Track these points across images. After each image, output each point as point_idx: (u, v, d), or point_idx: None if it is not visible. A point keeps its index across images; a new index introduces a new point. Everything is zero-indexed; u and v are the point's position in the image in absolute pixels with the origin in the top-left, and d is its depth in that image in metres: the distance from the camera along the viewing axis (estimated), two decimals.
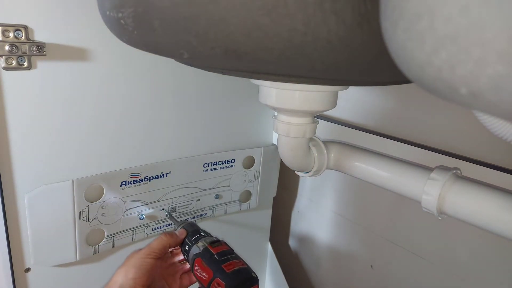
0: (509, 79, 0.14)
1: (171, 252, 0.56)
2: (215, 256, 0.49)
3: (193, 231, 0.55)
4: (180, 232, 0.55)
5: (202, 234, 0.55)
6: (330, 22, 0.25)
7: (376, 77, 0.38)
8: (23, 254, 0.56)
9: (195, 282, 0.54)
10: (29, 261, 0.56)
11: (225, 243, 0.53)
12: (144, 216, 0.65)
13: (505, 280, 0.55)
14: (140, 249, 0.51)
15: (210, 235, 0.55)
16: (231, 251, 0.52)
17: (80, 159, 0.57)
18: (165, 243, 0.52)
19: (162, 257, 0.52)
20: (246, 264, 0.51)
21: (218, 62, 0.35)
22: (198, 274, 0.50)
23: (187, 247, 0.53)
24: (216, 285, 0.47)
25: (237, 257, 0.51)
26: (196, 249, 0.52)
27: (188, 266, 0.55)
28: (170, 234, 0.54)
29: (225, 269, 0.48)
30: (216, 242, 0.53)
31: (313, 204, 0.88)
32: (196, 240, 0.53)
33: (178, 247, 0.55)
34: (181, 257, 0.56)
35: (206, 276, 0.48)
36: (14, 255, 0.54)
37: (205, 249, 0.51)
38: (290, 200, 0.95)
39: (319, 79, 0.38)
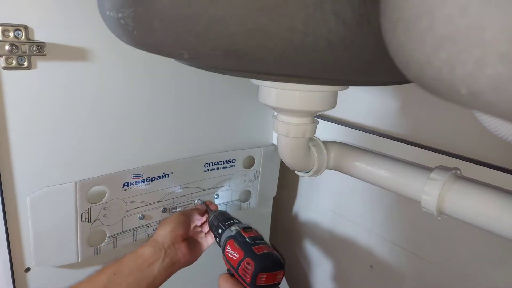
0: (509, 79, 0.14)
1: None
2: (247, 239, 0.55)
3: (226, 218, 0.61)
4: (202, 206, 0.68)
5: (235, 220, 0.61)
6: (330, 22, 0.25)
7: (376, 77, 0.38)
8: (23, 254, 0.56)
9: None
10: (29, 261, 0.56)
11: (256, 231, 0.58)
12: (144, 216, 0.65)
13: (505, 280, 0.55)
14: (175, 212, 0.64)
15: (242, 223, 0.61)
16: (261, 238, 0.56)
17: (81, 160, 0.57)
18: (192, 211, 0.64)
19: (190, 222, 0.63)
20: (276, 250, 0.55)
21: (218, 62, 0.35)
22: (229, 254, 0.55)
23: (220, 231, 0.59)
24: (246, 264, 0.51)
25: (266, 243, 0.55)
26: (229, 232, 0.58)
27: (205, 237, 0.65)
28: (195, 208, 0.67)
29: (255, 251, 0.52)
30: (248, 228, 0.58)
31: (312, 204, 0.88)
32: (229, 225, 0.59)
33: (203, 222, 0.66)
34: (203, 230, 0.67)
35: (237, 256, 0.53)
36: (14, 255, 0.54)
37: (238, 233, 0.57)
38: (290, 200, 0.95)
39: (319, 79, 0.38)
